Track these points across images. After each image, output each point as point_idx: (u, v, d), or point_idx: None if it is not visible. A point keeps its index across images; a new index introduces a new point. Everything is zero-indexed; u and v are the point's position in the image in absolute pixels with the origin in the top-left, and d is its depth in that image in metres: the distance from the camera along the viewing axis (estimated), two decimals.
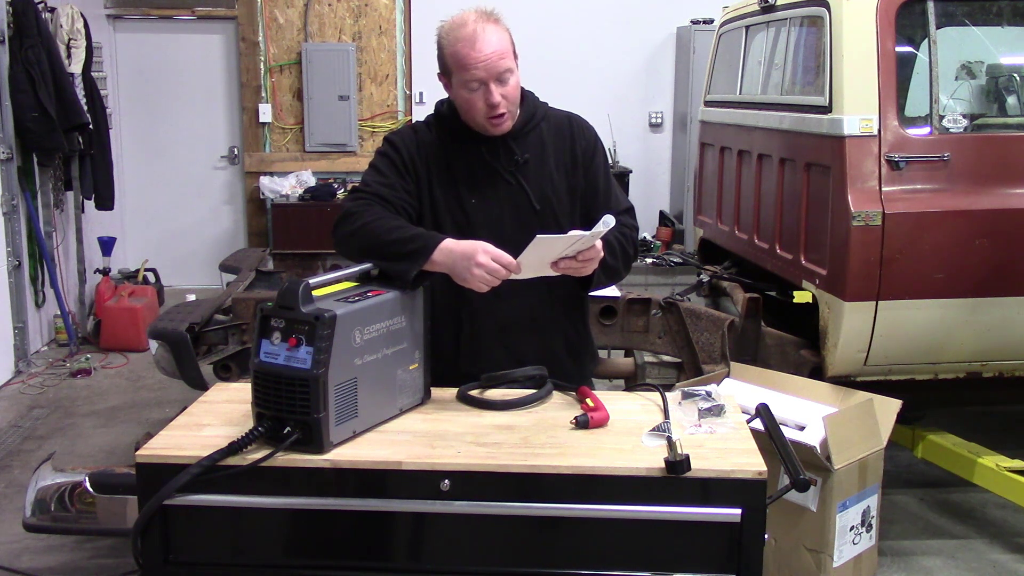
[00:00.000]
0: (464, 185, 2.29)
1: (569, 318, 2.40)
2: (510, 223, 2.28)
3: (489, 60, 2.14)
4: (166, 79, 7.82)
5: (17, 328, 5.75)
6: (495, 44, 2.15)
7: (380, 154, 2.34)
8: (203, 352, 3.55)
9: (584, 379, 2.33)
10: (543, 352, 2.30)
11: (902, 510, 3.87)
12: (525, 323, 2.31)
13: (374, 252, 2.08)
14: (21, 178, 5.79)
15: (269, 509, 1.80)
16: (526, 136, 2.31)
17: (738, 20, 4.55)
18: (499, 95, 2.17)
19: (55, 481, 2.79)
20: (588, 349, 2.51)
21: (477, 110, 2.20)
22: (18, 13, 5.61)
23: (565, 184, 2.33)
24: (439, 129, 2.34)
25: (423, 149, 2.31)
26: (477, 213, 2.28)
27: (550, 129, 2.35)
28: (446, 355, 2.26)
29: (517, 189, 2.29)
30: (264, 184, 7.69)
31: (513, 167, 2.29)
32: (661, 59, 8.02)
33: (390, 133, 2.39)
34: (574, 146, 2.35)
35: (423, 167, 2.29)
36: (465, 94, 2.20)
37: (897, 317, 3.27)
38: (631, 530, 1.77)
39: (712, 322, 3.66)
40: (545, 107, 2.38)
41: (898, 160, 3.24)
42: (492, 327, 2.29)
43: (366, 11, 7.84)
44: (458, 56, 2.16)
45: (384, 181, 2.27)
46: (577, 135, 2.37)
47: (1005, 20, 3.55)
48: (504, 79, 2.18)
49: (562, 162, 2.34)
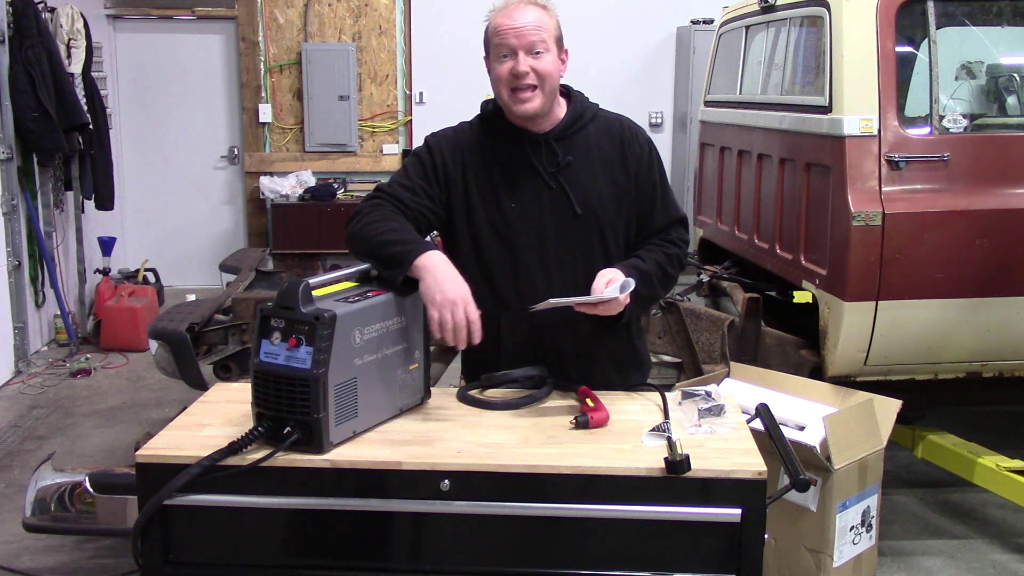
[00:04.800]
0: (503, 188, 2.21)
1: (612, 329, 2.27)
2: (551, 228, 2.21)
3: (521, 29, 2.10)
4: (166, 79, 7.82)
5: (17, 328, 5.75)
6: (532, 18, 2.12)
7: (414, 154, 2.27)
8: (203, 352, 3.55)
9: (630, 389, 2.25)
10: (586, 360, 2.25)
11: (902, 510, 3.87)
12: (565, 330, 2.23)
13: (369, 254, 2.06)
14: (21, 178, 5.79)
15: (269, 509, 1.80)
16: (571, 137, 2.23)
17: (738, 20, 4.55)
18: (527, 66, 2.10)
19: (55, 481, 2.79)
20: (635, 361, 2.39)
21: (503, 80, 2.13)
22: (18, 13, 5.61)
23: (611, 189, 2.24)
24: (482, 129, 2.27)
25: (461, 151, 2.23)
26: (517, 218, 2.20)
27: (599, 131, 2.26)
28: (487, 361, 2.21)
29: (559, 192, 2.20)
30: (264, 184, 7.69)
31: (555, 169, 2.20)
32: (661, 59, 8.02)
33: (430, 134, 2.30)
34: (624, 151, 2.25)
35: (457, 171, 2.22)
36: (496, 66, 2.14)
37: (897, 317, 3.27)
38: (631, 530, 1.77)
39: (712, 322, 3.66)
40: (595, 108, 2.30)
41: (898, 160, 3.24)
42: (531, 334, 2.22)
43: (366, 11, 7.84)
44: (494, 26, 2.14)
45: (407, 184, 2.21)
46: (629, 139, 2.27)
47: (1005, 20, 3.55)
48: (537, 52, 2.12)
49: (610, 167, 2.24)
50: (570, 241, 2.18)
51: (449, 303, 1.95)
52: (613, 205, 2.24)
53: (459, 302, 1.95)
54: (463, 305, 1.95)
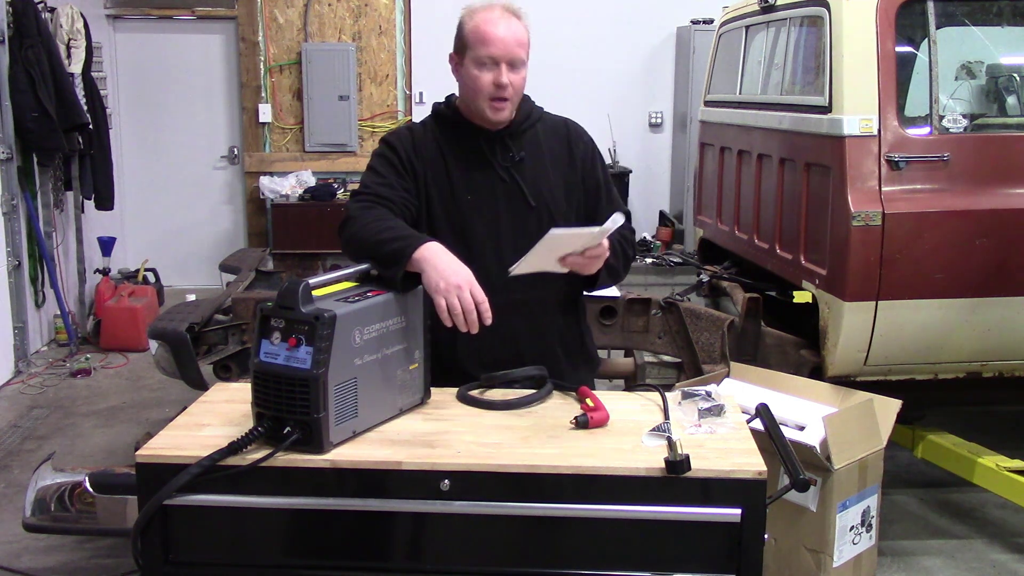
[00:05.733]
0: (460, 182, 2.31)
1: (565, 319, 2.41)
2: (506, 220, 2.30)
3: (508, 43, 2.20)
4: (166, 79, 7.83)
5: (17, 328, 5.75)
6: (516, 32, 2.23)
7: (377, 155, 2.35)
8: (203, 352, 3.55)
9: (580, 383, 2.30)
10: (540, 351, 2.31)
11: (902, 510, 3.87)
12: (521, 320, 2.31)
13: (367, 255, 2.07)
14: (21, 178, 5.79)
15: (269, 509, 1.80)
16: (522, 135, 2.35)
17: (738, 20, 4.55)
18: (507, 78, 2.21)
19: (55, 481, 2.79)
20: (584, 354, 2.50)
21: (483, 88, 2.23)
22: (18, 13, 5.62)
23: (561, 183, 2.36)
24: (436, 127, 2.37)
25: (420, 148, 2.33)
26: (473, 210, 2.30)
27: (546, 130, 2.39)
28: (444, 352, 2.25)
29: (512, 186, 2.31)
30: (264, 184, 7.69)
31: (509, 163, 2.32)
32: (661, 59, 8.02)
33: (386, 134, 2.41)
34: (571, 148, 2.40)
35: (420, 165, 2.31)
36: (475, 71, 2.23)
37: (897, 317, 3.27)
38: (631, 530, 1.77)
39: (712, 322, 3.66)
40: (541, 110, 2.42)
41: (898, 160, 3.24)
42: (490, 323, 2.28)
43: (366, 11, 7.84)
44: (479, 31, 2.21)
45: (383, 181, 2.28)
46: (574, 138, 2.41)
47: (1005, 20, 3.55)
48: (516, 67, 2.23)
49: (558, 162, 2.37)
50: (524, 232, 2.25)
51: (454, 287, 1.97)
52: (564, 198, 2.36)
53: (464, 285, 1.97)
54: (468, 287, 1.98)
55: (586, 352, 2.51)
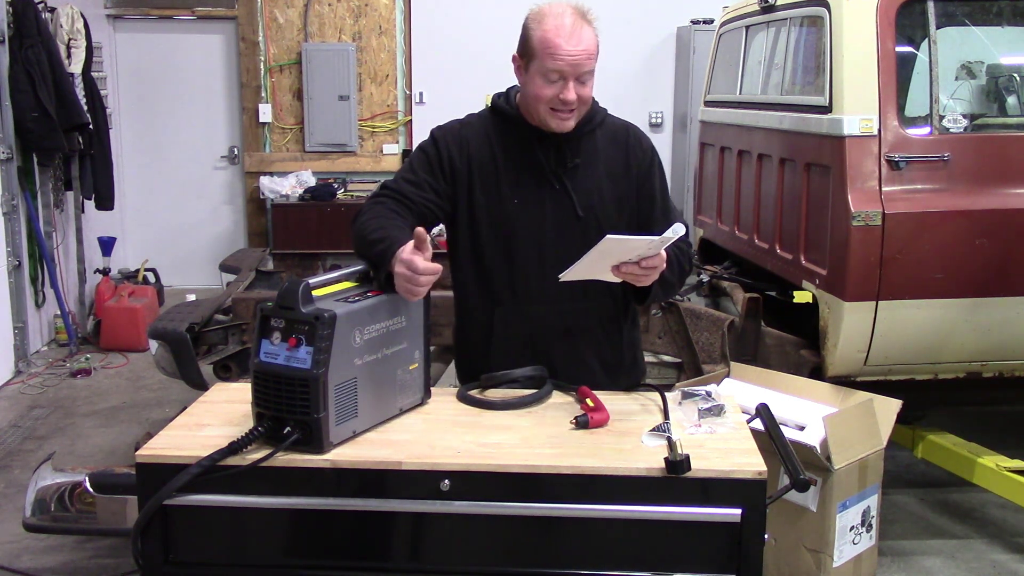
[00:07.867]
0: (507, 183, 2.21)
1: (605, 331, 2.30)
2: (551, 229, 2.21)
3: (578, 57, 2.07)
4: (166, 79, 7.82)
5: (17, 328, 5.75)
6: (587, 43, 2.09)
7: (420, 148, 2.26)
8: (203, 352, 3.55)
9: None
10: (575, 362, 2.25)
11: (902, 510, 3.87)
12: (557, 331, 2.24)
13: (361, 253, 2.05)
14: (21, 178, 5.79)
15: (269, 509, 1.80)
16: (580, 140, 2.23)
17: (738, 20, 4.55)
18: (575, 94, 2.10)
19: (55, 481, 2.79)
20: (623, 366, 2.37)
21: (545, 101, 2.11)
22: (18, 13, 5.61)
23: (614, 194, 2.25)
24: (491, 122, 2.26)
25: (467, 144, 2.22)
26: (518, 216, 2.21)
27: (605, 136, 2.27)
28: (478, 357, 2.23)
29: (562, 194, 2.21)
30: (264, 184, 7.69)
31: (561, 171, 2.21)
32: (661, 59, 8.02)
33: (436, 127, 2.28)
34: (628, 157, 2.27)
35: (463, 164, 2.21)
36: (540, 82, 2.10)
37: (897, 317, 3.27)
38: (631, 530, 1.77)
39: (712, 322, 3.66)
40: (604, 113, 2.30)
41: (898, 160, 3.24)
42: (523, 332, 2.24)
43: (366, 11, 7.84)
44: (548, 43, 2.07)
45: (412, 179, 2.20)
46: (633, 145, 2.29)
47: (1005, 20, 3.55)
48: (584, 80, 2.11)
49: (614, 171, 2.26)
50: (569, 242, 2.16)
51: (402, 264, 1.87)
52: (615, 209, 2.25)
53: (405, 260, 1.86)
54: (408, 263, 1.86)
55: (625, 365, 2.38)
